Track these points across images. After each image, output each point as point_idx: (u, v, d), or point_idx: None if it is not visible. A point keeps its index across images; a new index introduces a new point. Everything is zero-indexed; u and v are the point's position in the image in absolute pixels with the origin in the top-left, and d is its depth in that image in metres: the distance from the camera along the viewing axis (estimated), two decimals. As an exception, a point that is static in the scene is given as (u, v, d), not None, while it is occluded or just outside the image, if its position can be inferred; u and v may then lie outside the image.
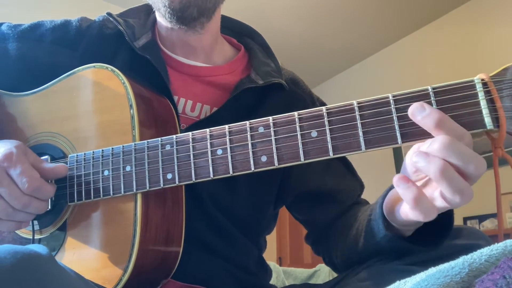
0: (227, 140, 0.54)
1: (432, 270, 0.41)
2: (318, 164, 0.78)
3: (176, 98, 0.74)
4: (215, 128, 0.55)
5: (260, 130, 0.53)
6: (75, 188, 0.62)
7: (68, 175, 0.63)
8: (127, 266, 0.57)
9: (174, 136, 0.58)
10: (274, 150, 0.51)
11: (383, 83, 3.89)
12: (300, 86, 0.85)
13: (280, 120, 0.52)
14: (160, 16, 0.78)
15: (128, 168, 0.59)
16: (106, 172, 0.60)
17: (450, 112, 0.45)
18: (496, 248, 0.40)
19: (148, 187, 0.58)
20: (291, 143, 0.51)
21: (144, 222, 0.58)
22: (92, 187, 0.61)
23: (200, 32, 0.77)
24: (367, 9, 3.46)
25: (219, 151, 0.54)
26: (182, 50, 0.79)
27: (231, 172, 0.53)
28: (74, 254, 0.61)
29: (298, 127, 0.51)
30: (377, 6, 3.43)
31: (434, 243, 0.55)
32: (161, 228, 0.61)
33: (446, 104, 0.46)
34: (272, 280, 0.91)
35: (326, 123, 0.49)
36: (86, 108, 0.66)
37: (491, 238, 0.56)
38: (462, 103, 0.45)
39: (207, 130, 0.56)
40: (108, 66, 0.66)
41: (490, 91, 0.44)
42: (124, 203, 0.60)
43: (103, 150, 0.61)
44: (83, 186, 0.61)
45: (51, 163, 0.64)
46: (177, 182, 0.56)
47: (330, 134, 0.49)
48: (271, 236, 0.91)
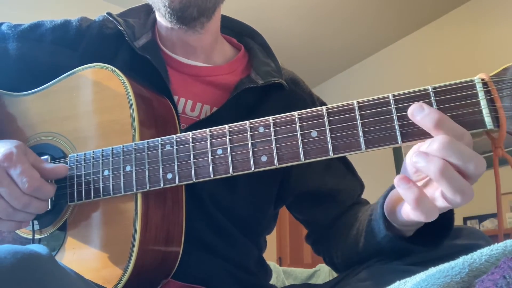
0: (227, 140, 0.54)
1: (432, 270, 0.41)
2: (318, 164, 0.78)
3: (176, 98, 0.74)
4: (215, 128, 0.55)
5: (260, 130, 0.53)
6: (75, 188, 0.62)
7: (68, 175, 0.63)
8: (127, 266, 0.57)
9: (174, 136, 0.58)
10: (274, 150, 0.51)
11: (383, 83, 3.89)
12: (300, 86, 0.85)
13: (280, 120, 0.52)
14: (160, 16, 0.78)
15: (128, 168, 0.59)
16: (106, 172, 0.60)
17: (450, 111, 0.45)
18: (496, 248, 0.40)
19: (148, 187, 0.58)
20: (291, 143, 0.51)
21: (144, 222, 0.58)
22: (92, 187, 0.61)
23: (200, 32, 0.77)
24: (367, 9, 3.46)
25: (219, 151, 0.54)
26: (182, 50, 0.79)
27: (231, 172, 0.53)
28: (74, 254, 0.61)
29: (298, 127, 0.51)
30: (377, 6, 3.43)
31: (435, 243, 0.55)
32: (161, 228, 0.61)
33: (446, 104, 0.46)
34: (272, 280, 0.91)
35: (326, 123, 0.49)
36: (86, 108, 0.66)
37: (491, 238, 0.56)
38: (462, 103, 0.45)
39: (207, 130, 0.56)
40: (108, 66, 0.66)
41: (490, 91, 0.44)
42: (124, 203, 0.60)
43: (103, 150, 0.61)
44: (83, 186, 0.61)
45: (51, 163, 0.64)
46: (177, 182, 0.56)
47: (330, 134, 0.49)
48: (271, 236, 0.91)
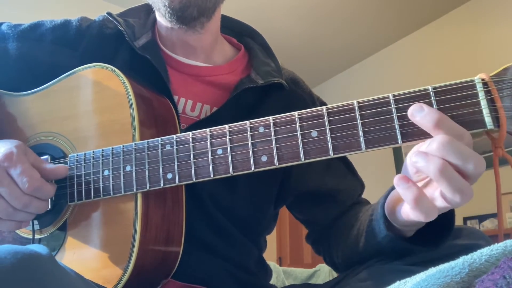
0: (227, 140, 0.54)
1: (432, 270, 0.41)
2: (318, 164, 0.78)
3: (176, 98, 0.74)
4: (215, 128, 0.55)
5: (260, 130, 0.53)
6: (75, 188, 0.62)
7: (68, 175, 0.63)
8: (127, 266, 0.57)
9: (174, 136, 0.58)
10: (274, 150, 0.51)
11: (383, 83, 3.89)
12: (300, 86, 0.85)
13: (280, 120, 0.52)
14: (160, 16, 0.78)
15: (128, 168, 0.59)
16: (106, 172, 0.60)
17: (450, 111, 0.45)
18: (496, 248, 0.40)
19: (148, 187, 0.58)
20: (291, 143, 0.51)
21: (144, 222, 0.58)
22: (92, 187, 0.61)
23: (200, 32, 0.77)
24: (367, 9, 3.46)
25: (219, 151, 0.54)
26: (182, 50, 0.79)
27: (231, 172, 0.53)
28: (74, 254, 0.61)
29: (298, 127, 0.51)
30: (377, 6, 3.43)
31: (435, 243, 0.55)
32: (161, 228, 0.61)
33: (447, 104, 0.45)
34: (272, 280, 0.91)
35: (326, 123, 0.49)
36: (86, 108, 0.66)
37: (491, 238, 0.56)
38: (462, 102, 0.45)
39: (207, 130, 0.56)
40: (108, 65, 0.66)
41: (490, 91, 0.44)
42: (124, 203, 0.60)
43: (103, 150, 0.61)
44: (83, 186, 0.61)
45: (51, 163, 0.64)
46: (177, 182, 0.56)
47: (330, 134, 0.49)
48: (271, 236, 0.91)
